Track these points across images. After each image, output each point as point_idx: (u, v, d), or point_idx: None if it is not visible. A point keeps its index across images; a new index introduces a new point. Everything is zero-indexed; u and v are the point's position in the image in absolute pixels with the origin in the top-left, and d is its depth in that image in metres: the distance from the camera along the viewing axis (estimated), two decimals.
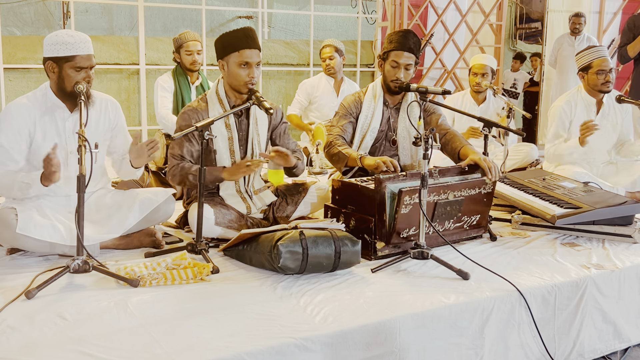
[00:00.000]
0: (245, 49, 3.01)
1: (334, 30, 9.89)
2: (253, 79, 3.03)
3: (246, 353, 1.89)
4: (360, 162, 3.22)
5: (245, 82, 3.02)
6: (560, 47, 7.30)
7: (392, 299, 2.33)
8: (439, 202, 2.83)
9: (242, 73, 3.02)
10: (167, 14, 8.83)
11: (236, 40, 3.02)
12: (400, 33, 3.45)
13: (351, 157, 3.28)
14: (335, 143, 3.40)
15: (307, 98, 5.67)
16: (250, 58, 3.01)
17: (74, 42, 2.73)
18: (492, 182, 3.04)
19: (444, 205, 2.86)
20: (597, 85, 4.16)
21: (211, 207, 2.99)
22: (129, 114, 7.27)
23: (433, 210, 2.83)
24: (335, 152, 3.36)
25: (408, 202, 2.71)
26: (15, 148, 2.77)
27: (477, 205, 3.04)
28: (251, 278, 2.55)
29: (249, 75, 3.01)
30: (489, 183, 3.03)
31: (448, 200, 2.87)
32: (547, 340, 2.50)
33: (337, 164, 3.38)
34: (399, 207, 2.70)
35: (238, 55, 3.01)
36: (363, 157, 3.22)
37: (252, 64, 3.01)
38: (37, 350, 1.88)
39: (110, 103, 3.04)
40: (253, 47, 3.03)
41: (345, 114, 3.52)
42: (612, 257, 2.89)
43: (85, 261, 2.39)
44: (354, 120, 3.51)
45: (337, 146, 3.37)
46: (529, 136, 7.73)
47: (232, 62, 3.03)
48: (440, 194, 2.83)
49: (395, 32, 3.51)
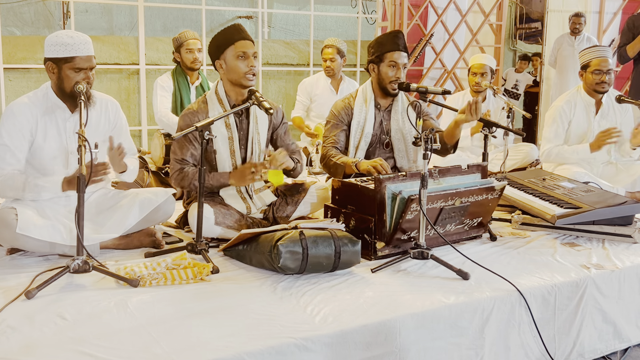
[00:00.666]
0: (240, 40, 3.04)
1: (334, 30, 9.88)
2: (253, 67, 3.04)
3: (246, 353, 1.89)
4: (356, 168, 3.27)
5: (245, 73, 3.04)
6: (560, 47, 7.30)
7: (392, 299, 2.33)
8: (445, 207, 2.83)
9: (240, 65, 3.03)
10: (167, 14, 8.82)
11: (229, 35, 3.06)
12: (392, 34, 3.46)
13: (347, 165, 3.31)
14: (330, 154, 3.43)
15: (308, 97, 5.67)
16: (246, 48, 3.04)
17: (73, 43, 2.73)
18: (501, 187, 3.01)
19: (449, 211, 2.86)
20: (593, 84, 4.16)
21: (211, 207, 3.00)
22: (129, 114, 7.26)
23: (437, 215, 2.82)
24: (332, 164, 3.41)
25: (415, 209, 2.71)
26: (19, 147, 2.78)
27: (482, 210, 3.03)
28: (251, 278, 2.55)
29: (248, 65, 3.03)
30: (498, 190, 3.00)
31: (454, 206, 2.86)
32: (547, 340, 2.50)
33: (336, 175, 3.42)
34: (405, 213, 2.69)
35: (234, 47, 3.03)
36: (358, 164, 3.27)
37: (249, 54, 3.04)
38: (37, 350, 1.88)
39: (110, 103, 3.04)
40: (246, 39, 3.07)
41: (337, 122, 3.53)
42: (612, 257, 2.89)
43: (85, 261, 2.39)
44: (346, 127, 3.53)
45: (332, 157, 3.41)
46: (529, 136, 7.73)
47: (230, 56, 3.04)
48: (448, 201, 2.82)
49: (385, 34, 3.52)
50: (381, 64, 3.43)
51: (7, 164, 2.77)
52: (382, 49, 3.42)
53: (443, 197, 2.78)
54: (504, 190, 3.05)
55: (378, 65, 3.45)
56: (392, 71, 3.40)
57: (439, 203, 2.78)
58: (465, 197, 2.87)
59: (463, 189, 2.87)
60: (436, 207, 2.78)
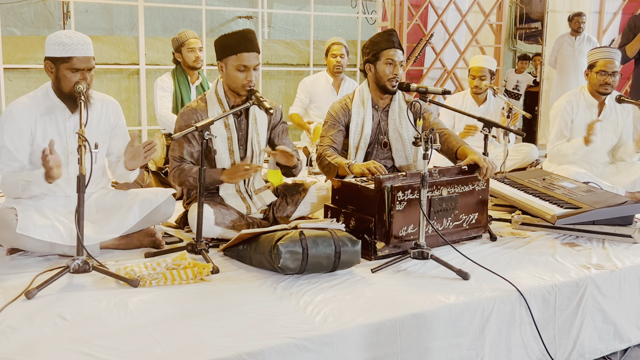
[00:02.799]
0: (244, 52, 3.00)
1: (334, 30, 9.89)
2: (250, 82, 3.02)
3: (246, 353, 1.89)
4: (349, 170, 3.23)
5: (242, 85, 3.03)
6: (560, 47, 7.30)
7: (392, 299, 2.33)
8: (433, 198, 2.85)
9: (239, 76, 3.02)
10: (167, 14, 8.82)
11: (234, 43, 3.01)
12: (386, 33, 3.46)
13: (340, 166, 3.28)
14: (325, 154, 3.41)
15: (308, 96, 5.67)
16: (248, 62, 3.00)
17: (71, 43, 2.72)
18: (484, 179, 3.05)
19: (439, 202, 2.88)
20: (596, 85, 4.17)
21: (211, 207, 2.99)
22: (129, 114, 7.27)
23: (428, 207, 2.84)
24: (326, 164, 3.38)
25: (402, 198, 2.71)
26: (18, 148, 2.78)
27: (473, 203, 3.04)
28: (251, 278, 2.55)
29: (247, 78, 3.01)
30: (481, 180, 3.04)
31: (442, 196, 2.89)
32: (548, 340, 2.50)
33: (329, 175, 3.40)
34: (394, 204, 2.70)
35: (236, 58, 3.01)
36: (352, 166, 3.22)
37: (249, 67, 3.01)
38: (37, 350, 1.88)
39: (111, 104, 3.04)
40: (251, 51, 3.02)
41: (334, 123, 3.52)
42: (612, 257, 2.89)
43: (85, 261, 2.39)
44: (343, 128, 3.52)
45: (327, 157, 3.38)
46: (529, 136, 7.72)
47: (230, 64, 3.03)
48: (434, 191, 2.86)
49: (379, 34, 3.52)
50: (377, 62, 3.43)
51: (6, 165, 2.77)
52: (377, 48, 3.41)
53: (428, 186, 2.77)
54: (489, 182, 3.10)
55: (374, 64, 3.44)
56: (389, 68, 3.39)
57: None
58: (450, 186, 2.91)
59: (445, 179, 2.92)
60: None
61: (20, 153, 2.78)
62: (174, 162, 3.12)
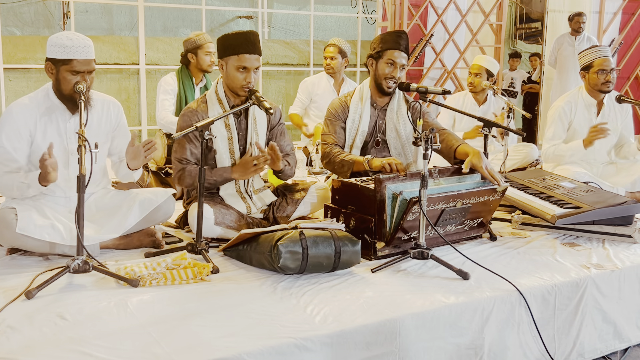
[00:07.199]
0: (245, 54, 3.02)
1: (334, 30, 9.89)
2: (249, 83, 3.04)
3: (246, 353, 1.89)
4: (368, 165, 3.23)
5: (241, 86, 3.04)
6: (560, 47, 7.30)
7: (392, 299, 2.33)
8: (446, 209, 2.82)
9: (239, 77, 3.03)
10: (167, 14, 8.83)
11: (237, 44, 3.02)
12: (396, 33, 3.45)
13: (357, 162, 3.28)
14: (334, 152, 3.40)
15: (308, 96, 5.67)
16: (248, 63, 3.02)
17: (72, 45, 2.72)
18: (503, 189, 3.01)
19: (450, 212, 2.86)
20: (598, 84, 4.17)
21: (211, 207, 3.00)
22: (129, 114, 7.27)
23: (438, 216, 2.82)
24: (338, 161, 3.36)
25: (416, 211, 2.70)
26: (16, 148, 2.78)
27: (483, 210, 3.03)
28: (251, 278, 2.55)
29: (246, 79, 3.03)
30: (499, 192, 3.01)
31: (455, 207, 2.86)
32: (547, 340, 2.50)
33: (342, 172, 3.37)
34: (407, 214, 2.69)
35: (237, 59, 3.02)
36: (370, 161, 3.23)
37: (250, 68, 3.02)
38: (37, 350, 1.88)
39: (112, 104, 3.04)
40: (253, 52, 3.03)
41: (334, 119, 3.51)
42: (612, 257, 2.89)
43: (85, 261, 2.39)
44: (344, 124, 3.51)
45: (338, 155, 3.37)
46: (529, 136, 7.72)
47: (231, 64, 3.04)
48: (449, 202, 2.82)
49: (389, 32, 3.51)
50: (379, 60, 3.42)
51: (4, 165, 2.77)
52: (383, 46, 3.41)
53: (445, 199, 2.78)
54: (505, 191, 3.05)
55: (377, 61, 3.44)
56: (389, 69, 3.39)
57: (440, 205, 2.78)
58: (467, 198, 2.87)
59: (465, 191, 2.87)
60: (437, 208, 2.78)
61: (18, 153, 2.78)
62: (177, 163, 3.12)
